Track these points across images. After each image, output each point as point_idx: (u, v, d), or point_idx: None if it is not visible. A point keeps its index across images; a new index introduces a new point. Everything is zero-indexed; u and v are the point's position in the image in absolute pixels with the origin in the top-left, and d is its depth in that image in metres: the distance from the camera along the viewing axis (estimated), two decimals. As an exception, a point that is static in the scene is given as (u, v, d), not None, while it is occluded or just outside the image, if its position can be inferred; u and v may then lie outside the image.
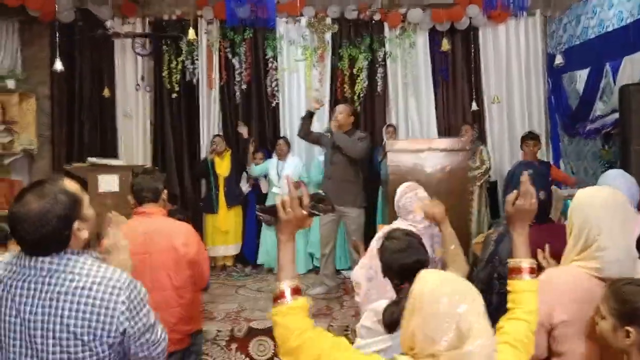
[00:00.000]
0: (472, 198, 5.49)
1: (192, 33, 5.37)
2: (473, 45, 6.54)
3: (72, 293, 1.49)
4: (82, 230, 1.56)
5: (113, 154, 6.27)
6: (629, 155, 4.11)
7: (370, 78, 6.53)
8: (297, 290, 1.45)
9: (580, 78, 5.55)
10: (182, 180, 6.43)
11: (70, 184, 1.58)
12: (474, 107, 6.43)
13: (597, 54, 5.16)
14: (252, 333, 3.82)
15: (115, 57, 6.44)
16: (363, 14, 6.35)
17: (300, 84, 6.53)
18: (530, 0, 6.01)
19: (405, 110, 6.58)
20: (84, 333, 1.49)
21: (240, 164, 5.96)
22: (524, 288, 1.60)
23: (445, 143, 4.18)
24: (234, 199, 5.81)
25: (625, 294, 1.57)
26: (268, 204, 2.76)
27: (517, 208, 1.64)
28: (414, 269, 1.86)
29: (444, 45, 5.96)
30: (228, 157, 5.82)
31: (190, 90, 6.49)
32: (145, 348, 1.61)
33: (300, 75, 6.52)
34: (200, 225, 5.82)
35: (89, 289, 1.50)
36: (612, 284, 1.63)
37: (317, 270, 5.41)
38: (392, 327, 1.83)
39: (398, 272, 1.93)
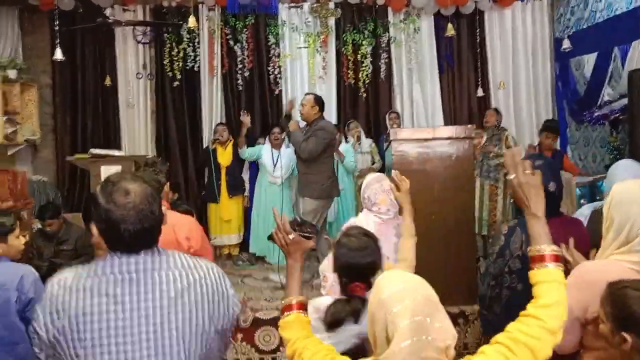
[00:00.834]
0: (497, 185, 5.40)
1: (192, 20, 5.30)
2: (478, 30, 6.46)
3: (192, 285, 1.46)
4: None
5: (116, 143, 6.25)
6: (638, 142, 4.05)
7: (375, 64, 6.45)
8: (299, 306, 1.64)
9: (588, 63, 5.48)
10: (185, 169, 6.39)
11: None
12: (480, 93, 6.36)
13: (605, 38, 5.08)
14: (257, 323, 3.81)
15: (116, 45, 6.37)
16: (366, -2, 6.26)
17: (304, 71, 6.46)
18: (537, -17, 5.93)
19: (410, 96, 6.52)
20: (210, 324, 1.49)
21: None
22: (544, 278, 1.41)
23: (451, 131, 4.09)
24: (236, 189, 5.76)
25: (622, 298, 1.50)
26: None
27: (515, 185, 1.53)
28: (366, 270, 1.87)
29: (449, 30, 5.88)
30: (230, 146, 5.76)
31: (192, 78, 6.43)
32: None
33: (304, 62, 6.46)
34: (204, 215, 5.80)
35: (205, 279, 1.49)
36: (610, 286, 1.56)
37: None
38: (333, 325, 1.78)
39: (349, 270, 1.89)
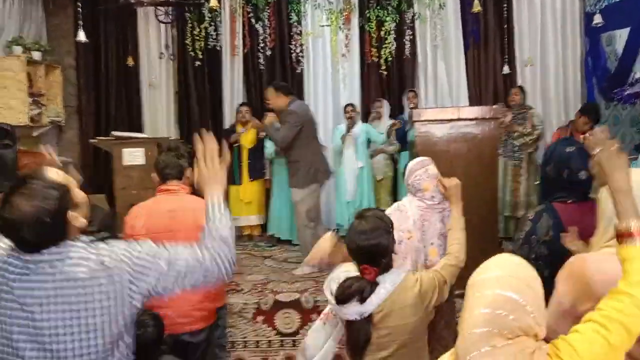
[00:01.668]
0: (521, 165, 5.29)
1: (214, -1, 5.26)
2: (506, 5, 6.25)
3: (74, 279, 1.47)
4: (76, 218, 1.53)
5: (138, 124, 6.29)
6: (671, 122, 3.91)
7: (399, 41, 6.32)
8: None
9: (620, 38, 5.31)
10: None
11: (54, 174, 1.52)
12: (506, 70, 6.20)
13: (638, 12, 4.89)
14: (277, 306, 3.84)
15: (139, 25, 6.38)
16: (391, -27, 6.12)
17: (326, 49, 6.37)
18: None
19: (435, 74, 6.38)
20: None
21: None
22: (634, 255, 1.35)
23: (475, 112, 4.02)
24: (257, 172, 5.73)
25: None
26: None
27: (597, 161, 1.49)
28: (371, 253, 1.89)
29: (476, 6, 5.70)
30: (253, 128, 5.71)
31: (214, 58, 6.41)
32: None
33: (326, 40, 6.36)
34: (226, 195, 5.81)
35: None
36: None
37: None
38: (339, 301, 1.87)
39: (356, 253, 1.93)
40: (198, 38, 6.30)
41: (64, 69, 6.20)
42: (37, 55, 5.63)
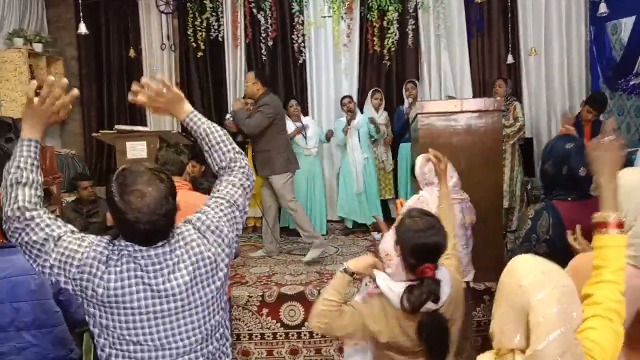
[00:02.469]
0: (504, 157, 5.28)
1: (215, -11, 5.22)
2: (510, -7, 6.20)
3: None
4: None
5: (141, 116, 6.28)
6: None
7: (401, 30, 6.28)
8: None
9: (625, 27, 5.26)
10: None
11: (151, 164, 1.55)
12: (510, 59, 6.16)
13: (644, 1, 4.84)
14: (282, 298, 3.85)
15: (140, 16, 6.34)
16: (393, -39, 6.05)
17: (328, 39, 6.34)
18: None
19: (438, 64, 6.34)
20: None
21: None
22: (610, 243, 1.44)
23: (479, 104, 3.98)
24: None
25: None
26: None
27: (592, 149, 1.55)
28: (432, 251, 1.88)
29: (479, -6, 5.65)
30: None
31: (216, 49, 6.38)
32: None
33: (328, 30, 6.33)
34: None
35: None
36: None
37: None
38: (415, 311, 1.84)
39: (416, 251, 1.89)
40: (200, 29, 6.26)
41: (66, 60, 6.18)
42: (38, 47, 5.61)
